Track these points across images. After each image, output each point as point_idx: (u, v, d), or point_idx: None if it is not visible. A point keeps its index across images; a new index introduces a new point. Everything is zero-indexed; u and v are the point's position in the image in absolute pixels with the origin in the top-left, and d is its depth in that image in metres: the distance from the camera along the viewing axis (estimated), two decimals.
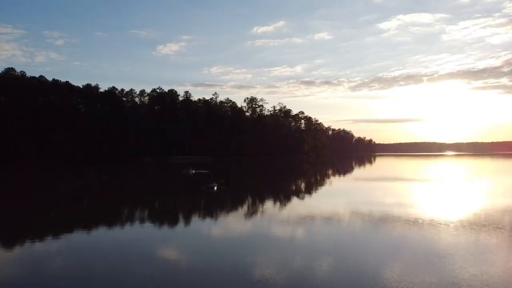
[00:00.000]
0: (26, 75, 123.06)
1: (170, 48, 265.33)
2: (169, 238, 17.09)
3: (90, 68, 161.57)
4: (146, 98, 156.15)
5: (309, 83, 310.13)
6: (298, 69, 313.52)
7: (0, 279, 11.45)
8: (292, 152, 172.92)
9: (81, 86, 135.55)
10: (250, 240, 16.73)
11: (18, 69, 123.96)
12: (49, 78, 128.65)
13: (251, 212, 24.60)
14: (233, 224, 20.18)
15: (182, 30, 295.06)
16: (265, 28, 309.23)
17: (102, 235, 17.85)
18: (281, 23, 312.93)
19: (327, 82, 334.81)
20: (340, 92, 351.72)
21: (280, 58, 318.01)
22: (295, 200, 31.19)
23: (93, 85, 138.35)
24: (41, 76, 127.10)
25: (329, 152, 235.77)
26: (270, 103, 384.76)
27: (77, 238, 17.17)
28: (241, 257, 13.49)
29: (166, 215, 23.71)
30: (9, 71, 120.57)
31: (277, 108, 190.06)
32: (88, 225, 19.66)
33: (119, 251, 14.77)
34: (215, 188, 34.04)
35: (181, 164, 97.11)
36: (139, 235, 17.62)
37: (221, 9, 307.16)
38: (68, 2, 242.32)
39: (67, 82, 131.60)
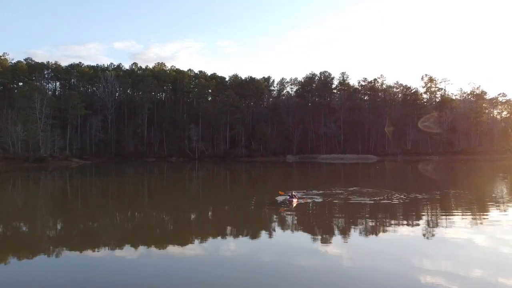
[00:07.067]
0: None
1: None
2: None
3: (256, 72, 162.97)
4: (297, 87, 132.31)
5: None
6: None
7: None
8: (494, 149, 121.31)
9: None
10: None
11: None
12: None
13: None
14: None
15: None
16: None
17: None
18: None
19: None
20: None
21: None
22: None
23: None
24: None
25: None
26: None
27: None
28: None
29: None
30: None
31: (465, 90, 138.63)
32: None
33: None
34: None
35: (330, 165, 71.36)
36: None
37: None
38: (232, 14, 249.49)
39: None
